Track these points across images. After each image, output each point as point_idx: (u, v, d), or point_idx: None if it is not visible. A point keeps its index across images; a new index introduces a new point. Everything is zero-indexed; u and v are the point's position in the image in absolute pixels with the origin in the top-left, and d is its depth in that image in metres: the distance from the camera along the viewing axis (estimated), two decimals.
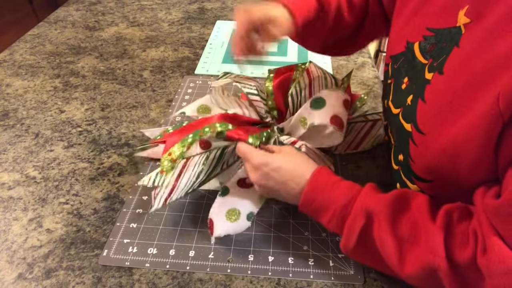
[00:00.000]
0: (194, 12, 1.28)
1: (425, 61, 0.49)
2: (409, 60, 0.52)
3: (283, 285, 0.54)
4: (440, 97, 0.44)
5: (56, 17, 1.24)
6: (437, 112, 0.44)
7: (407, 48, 0.53)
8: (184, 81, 0.94)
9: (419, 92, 0.48)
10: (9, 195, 0.66)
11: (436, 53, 0.47)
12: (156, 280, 0.54)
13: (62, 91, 0.91)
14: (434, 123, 0.45)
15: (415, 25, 0.52)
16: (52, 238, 0.59)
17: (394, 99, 0.55)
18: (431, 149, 0.45)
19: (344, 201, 0.49)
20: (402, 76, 0.53)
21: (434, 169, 0.45)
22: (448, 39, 0.45)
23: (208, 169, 0.61)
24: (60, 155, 0.74)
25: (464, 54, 0.42)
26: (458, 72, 0.42)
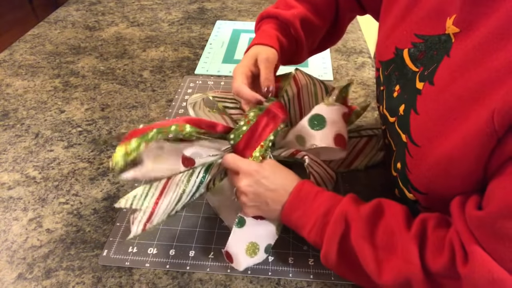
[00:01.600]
0: (194, 12, 1.28)
1: (416, 69, 0.48)
2: (400, 67, 0.51)
3: (283, 285, 0.54)
4: (432, 109, 0.44)
5: (56, 17, 1.24)
6: (431, 124, 0.44)
7: (396, 55, 0.52)
8: (184, 81, 0.94)
9: (410, 102, 0.48)
10: (9, 195, 0.66)
11: (427, 61, 0.46)
12: (156, 280, 0.54)
13: (62, 91, 0.91)
14: (428, 135, 0.44)
15: (403, 31, 0.51)
16: (52, 238, 0.59)
17: (387, 107, 0.55)
18: (426, 161, 0.44)
19: (324, 210, 0.49)
20: (393, 83, 0.53)
21: (429, 181, 0.45)
22: (438, 47, 0.45)
23: (191, 189, 0.55)
24: (60, 155, 0.74)
25: (455, 65, 0.42)
26: (450, 84, 0.42)
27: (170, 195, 0.54)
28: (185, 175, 0.55)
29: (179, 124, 0.54)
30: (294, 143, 0.60)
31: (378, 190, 0.67)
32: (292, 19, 0.64)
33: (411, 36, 0.49)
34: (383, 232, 0.46)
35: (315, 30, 0.68)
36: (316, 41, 0.71)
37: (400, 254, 0.44)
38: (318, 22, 0.68)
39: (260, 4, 1.33)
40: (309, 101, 0.67)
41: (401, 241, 0.44)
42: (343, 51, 1.07)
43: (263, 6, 1.31)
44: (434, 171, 0.43)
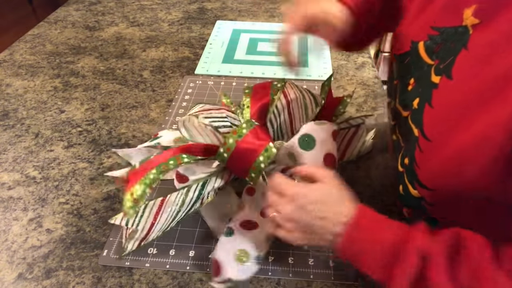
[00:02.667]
0: (194, 12, 1.28)
1: (431, 62, 0.47)
2: (415, 60, 0.51)
3: (283, 285, 0.54)
4: (448, 103, 0.43)
5: (56, 17, 1.24)
6: (445, 119, 0.43)
7: (411, 48, 0.51)
8: (184, 81, 0.94)
9: (425, 96, 0.47)
10: (9, 195, 0.66)
11: (443, 54, 0.45)
12: (156, 280, 0.54)
13: (62, 91, 0.91)
14: (441, 130, 0.43)
15: (420, 24, 0.50)
16: (52, 238, 0.59)
17: (401, 101, 0.54)
18: (436, 156, 0.43)
19: (393, 240, 0.43)
20: (408, 77, 0.52)
21: (438, 177, 0.44)
22: (455, 39, 0.44)
23: (187, 207, 0.56)
24: (60, 155, 0.74)
25: (474, 58, 0.41)
26: (469, 78, 0.41)
27: (166, 215, 0.54)
28: (180, 194, 0.55)
29: (176, 157, 0.54)
30: (286, 159, 0.60)
31: (378, 190, 0.67)
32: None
33: (427, 29, 0.48)
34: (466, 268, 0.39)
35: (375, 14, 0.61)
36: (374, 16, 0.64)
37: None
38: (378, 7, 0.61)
39: (260, 4, 1.33)
40: (299, 114, 0.67)
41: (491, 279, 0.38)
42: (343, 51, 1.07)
43: (263, 6, 1.31)
44: (445, 166, 0.42)
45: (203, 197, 0.57)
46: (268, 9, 1.30)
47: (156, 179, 0.52)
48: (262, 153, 0.55)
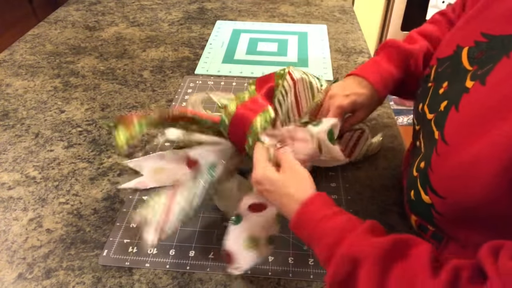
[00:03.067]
0: (194, 12, 1.28)
1: (470, 68, 0.46)
2: (455, 64, 0.49)
3: (283, 285, 0.54)
4: (475, 108, 0.42)
5: (56, 17, 1.24)
6: (467, 123, 0.42)
7: (455, 52, 0.50)
8: (184, 81, 0.94)
9: (455, 99, 0.45)
10: (9, 195, 0.66)
11: (484, 60, 0.44)
12: (156, 280, 0.54)
13: (62, 91, 0.91)
14: (460, 134, 0.42)
15: (470, 30, 0.49)
16: (52, 238, 0.59)
17: (430, 104, 0.53)
18: (450, 161, 0.42)
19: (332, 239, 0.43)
20: (443, 80, 0.51)
21: (449, 183, 0.43)
22: (500, 47, 0.42)
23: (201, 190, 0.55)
24: (60, 155, 0.74)
25: (510, 66, 0.39)
26: (501, 85, 0.39)
27: (180, 200, 0.54)
28: (191, 177, 0.55)
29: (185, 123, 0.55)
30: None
31: (378, 190, 0.67)
32: (417, 52, 0.64)
33: (477, 35, 0.47)
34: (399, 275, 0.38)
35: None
36: None
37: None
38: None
39: (260, 4, 1.33)
40: (305, 94, 0.67)
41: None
42: (343, 51, 1.07)
43: (263, 6, 1.32)
44: (456, 172, 0.41)
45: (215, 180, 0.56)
46: (268, 9, 1.30)
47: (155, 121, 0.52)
48: (260, 114, 0.54)
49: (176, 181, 0.54)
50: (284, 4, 1.34)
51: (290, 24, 1.21)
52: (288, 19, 1.24)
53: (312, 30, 1.18)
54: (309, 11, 1.29)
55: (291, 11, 1.29)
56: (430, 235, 0.54)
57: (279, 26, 1.20)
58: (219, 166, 0.57)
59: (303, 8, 1.31)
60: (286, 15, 1.27)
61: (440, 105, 0.49)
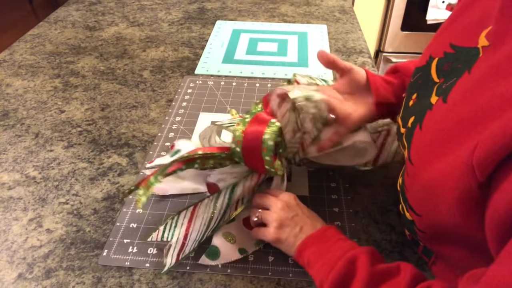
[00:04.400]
0: (194, 12, 1.28)
1: (437, 80, 0.45)
2: (425, 76, 0.49)
3: (283, 285, 0.54)
4: (435, 128, 0.41)
5: (56, 17, 1.24)
6: (428, 143, 0.41)
7: (427, 62, 0.49)
8: (184, 81, 0.94)
9: (420, 116, 0.45)
10: (9, 195, 0.66)
11: (449, 72, 0.43)
12: (156, 280, 0.54)
13: (62, 91, 0.91)
14: (422, 154, 0.42)
15: (442, 40, 0.48)
16: (52, 238, 0.59)
17: (402, 116, 0.52)
18: (417, 181, 0.42)
19: (340, 252, 0.48)
20: (413, 92, 0.50)
21: (420, 203, 0.43)
22: (464, 60, 0.41)
23: (219, 212, 0.57)
24: (60, 155, 0.74)
25: (471, 83, 0.38)
26: (458, 104, 0.38)
27: (199, 222, 0.56)
28: (211, 199, 0.56)
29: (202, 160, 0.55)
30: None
31: (378, 191, 0.67)
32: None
33: (446, 45, 0.46)
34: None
35: None
36: None
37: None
38: None
39: (260, 4, 1.33)
40: None
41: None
42: (343, 51, 1.07)
43: (263, 6, 1.32)
44: (422, 192, 0.41)
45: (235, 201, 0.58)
46: (268, 9, 1.30)
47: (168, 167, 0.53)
48: (266, 130, 0.55)
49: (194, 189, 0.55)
50: (284, 4, 1.34)
51: (290, 24, 1.21)
52: (288, 19, 1.24)
53: (312, 30, 1.18)
54: (309, 11, 1.29)
55: (291, 11, 1.29)
56: (421, 251, 0.55)
57: (279, 26, 1.20)
58: (239, 188, 0.58)
59: (303, 8, 1.31)
60: (286, 15, 1.27)
61: (408, 121, 0.48)
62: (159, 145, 0.75)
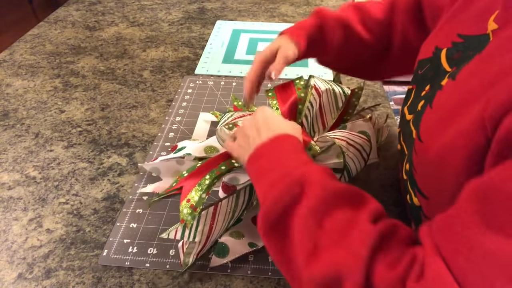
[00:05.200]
0: (194, 12, 1.28)
1: (449, 69, 0.46)
2: (435, 66, 0.49)
3: (283, 285, 0.54)
4: (444, 104, 0.42)
5: (56, 17, 1.24)
6: (438, 119, 0.42)
7: (434, 54, 0.50)
8: (184, 81, 0.94)
9: (430, 98, 0.46)
10: (9, 195, 0.66)
11: (461, 60, 0.44)
12: (156, 280, 0.54)
13: (62, 91, 0.91)
14: (432, 130, 0.43)
15: (447, 31, 0.49)
16: (52, 238, 0.59)
17: (410, 105, 0.53)
18: (426, 157, 0.42)
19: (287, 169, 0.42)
20: (425, 83, 0.51)
21: (428, 181, 0.43)
22: (475, 47, 0.42)
23: (239, 212, 0.58)
24: (60, 155, 0.74)
25: (479, 61, 0.40)
26: (468, 78, 0.40)
27: (220, 223, 0.55)
28: (232, 200, 0.55)
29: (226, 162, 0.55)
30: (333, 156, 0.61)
31: (378, 190, 0.67)
32: (333, 19, 0.65)
33: (454, 36, 0.47)
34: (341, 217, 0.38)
35: (357, 41, 0.67)
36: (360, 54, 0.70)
37: (347, 244, 0.36)
38: (365, 34, 0.67)
39: (260, 4, 1.33)
40: (329, 106, 0.67)
41: (357, 232, 0.36)
42: None
43: (263, 6, 1.31)
44: (430, 167, 0.41)
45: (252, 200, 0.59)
46: (268, 9, 1.30)
47: (211, 185, 0.53)
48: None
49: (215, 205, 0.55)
50: (284, 4, 1.34)
51: (290, 24, 1.21)
52: (288, 19, 1.24)
53: None
54: (309, 11, 1.29)
55: (291, 11, 1.29)
56: None
57: (279, 26, 1.20)
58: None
59: (303, 8, 1.31)
60: (286, 15, 1.27)
61: (418, 106, 0.49)
62: (159, 145, 0.75)
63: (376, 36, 0.68)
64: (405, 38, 0.67)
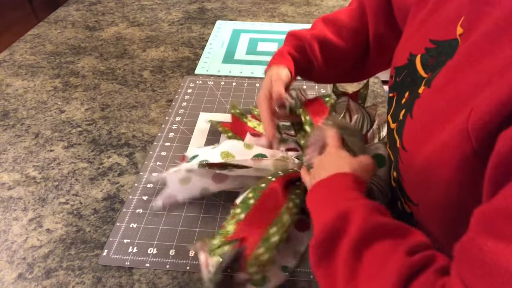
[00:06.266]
0: (194, 12, 1.28)
1: (425, 75, 0.47)
2: (411, 73, 0.50)
3: (283, 285, 0.54)
4: (424, 112, 0.42)
5: (56, 17, 1.24)
6: (419, 128, 0.42)
7: (409, 60, 0.51)
8: (184, 81, 0.94)
9: (410, 107, 0.46)
10: (9, 195, 0.66)
11: (435, 66, 0.45)
12: (156, 280, 0.54)
13: (62, 91, 0.91)
14: (415, 140, 0.43)
15: (419, 37, 0.50)
16: (52, 238, 0.59)
17: (393, 113, 0.53)
18: (411, 166, 0.42)
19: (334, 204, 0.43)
20: (404, 90, 0.51)
21: (416, 189, 0.43)
22: (447, 52, 0.43)
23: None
24: (60, 155, 0.74)
25: (453, 68, 0.40)
26: (444, 86, 0.40)
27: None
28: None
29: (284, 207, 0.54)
30: None
31: None
32: (310, 38, 0.67)
33: (426, 42, 0.48)
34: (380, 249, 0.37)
35: (337, 52, 0.69)
36: (341, 64, 0.71)
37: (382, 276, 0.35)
38: (342, 44, 0.68)
39: (260, 4, 1.33)
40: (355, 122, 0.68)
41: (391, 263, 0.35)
42: None
43: (263, 6, 1.31)
44: (418, 176, 0.41)
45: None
46: (268, 9, 1.30)
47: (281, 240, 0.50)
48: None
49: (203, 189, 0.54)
50: (284, 4, 1.34)
51: (290, 24, 1.21)
52: (288, 19, 1.24)
53: None
54: (309, 11, 1.29)
55: (291, 11, 1.29)
56: None
57: (279, 26, 1.20)
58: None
59: (303, 8, 1.31)
60: (286, 15, 1.27)
61: (399, 114, 0.49)
62: (159, 145, 0.75)
63: (353, 43, 0.69)
64: (379, 39, 0.68)
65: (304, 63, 0.68)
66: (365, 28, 0.69)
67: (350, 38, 0.68)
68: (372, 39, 0.68)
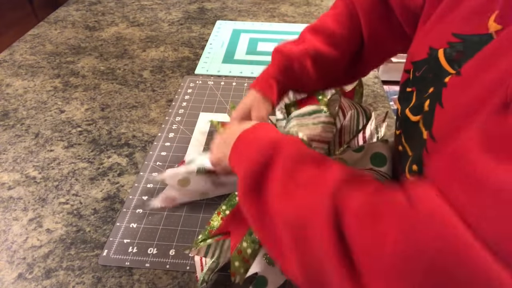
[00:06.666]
0: (194, 12, 1.28)
1: (452, 71, 0.45)
2: (434, 68, 0.49)
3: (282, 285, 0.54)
4: (458, 100, 0.41)
5: (56, 17, 1.24)
6: (452, 117, 0.41)
7: (429, 55, 0.50)
8: (184, 81, 0.94)
9: (436, 96, 0.45)
10: (9, 195, 0.66)
11: (463, 60, 0.43)
12: (156, 280, 0.54)
13: (62, 91, 0.91)
14: (446, 129, 0.42)
15: (440, 31, 0.49)
16: (52, 238, 0.59)
17: (413, 107, 0.52)
18: (442, 155, 0.41)
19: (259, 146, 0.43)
20: (427, 86, 0.50)
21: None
22: (478, 47, 0.42)
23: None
24: (60, 155, 0.74)
25: (486, 55, 0.39)
26: (478, 74, 0.39)
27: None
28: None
29: None
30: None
31: None
32: (299, 55, 0.64)
33: (448, 36, 0.46)
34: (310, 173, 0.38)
35: (329, 62, 0.67)
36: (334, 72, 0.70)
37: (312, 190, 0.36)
38: (334, 53, 0.66)
39: (260, 4, 1.33)
40: (349, 127, 0.67)
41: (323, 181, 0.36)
42: None
43: (263, 6, 1.31)
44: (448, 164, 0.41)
45: None
46: (268, 9, 1.30)
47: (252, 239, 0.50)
48: None
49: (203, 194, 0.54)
50: (284, 4, 1.34)
51: (290, 24, 1.21)
52: (288, 19, 1.24)
53: None
54: (309, 11, 1.29)
55: (291, 11, 1.29)
56: None
57: (279, 26, 1.20)
58: None
59: (303, 8, 1.31)
60: (286, 15, 1.27)
61: (423, 106, 0.48)
62: (159, 145, 0.75)
63: (345, 49, 0.67)
64: (374, 38, 0.66)
65: (291, 83, 0.67)
66: (356, 31, 0.67)
67: (342, 45, 0.67)
68: (368, 40, 0.67)
